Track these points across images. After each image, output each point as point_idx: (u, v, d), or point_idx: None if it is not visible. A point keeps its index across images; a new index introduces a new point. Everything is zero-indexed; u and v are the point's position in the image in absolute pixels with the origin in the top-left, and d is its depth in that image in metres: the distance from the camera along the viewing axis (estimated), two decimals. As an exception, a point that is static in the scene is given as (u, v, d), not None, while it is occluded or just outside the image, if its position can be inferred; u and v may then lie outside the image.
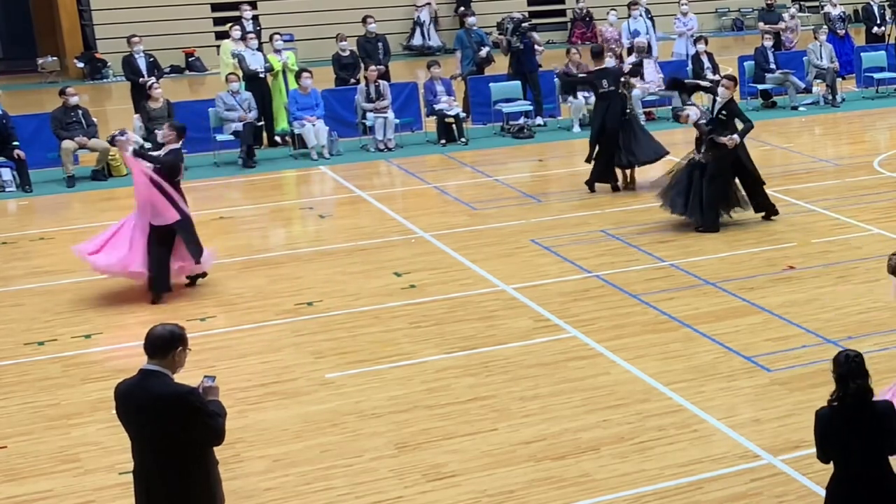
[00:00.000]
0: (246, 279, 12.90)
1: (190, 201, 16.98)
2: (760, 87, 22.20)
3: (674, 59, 23.17)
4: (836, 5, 24.54)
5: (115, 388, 6.22)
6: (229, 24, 22.38)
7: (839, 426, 6.09)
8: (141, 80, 19.65)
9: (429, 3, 30.90)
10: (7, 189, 17.35)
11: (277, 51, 20.18)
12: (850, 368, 6.11)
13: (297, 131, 19.25)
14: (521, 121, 20.44)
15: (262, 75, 19.79)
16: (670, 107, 21.11)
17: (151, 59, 20.46)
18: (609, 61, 17.28)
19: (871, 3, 25.55)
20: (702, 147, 14.06)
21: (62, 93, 18.18)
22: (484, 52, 21.41)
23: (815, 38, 22.82)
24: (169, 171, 12.17)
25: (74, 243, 14.50)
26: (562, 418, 9.18)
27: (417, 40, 30.98)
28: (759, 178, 14.42)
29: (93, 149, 17.80)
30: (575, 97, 20.18)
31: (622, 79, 16.45)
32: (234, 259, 13.62)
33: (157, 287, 12.10)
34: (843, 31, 24.32)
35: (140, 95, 20.00)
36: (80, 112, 18.05)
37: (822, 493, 7.55)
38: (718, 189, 14.04)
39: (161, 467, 6.09)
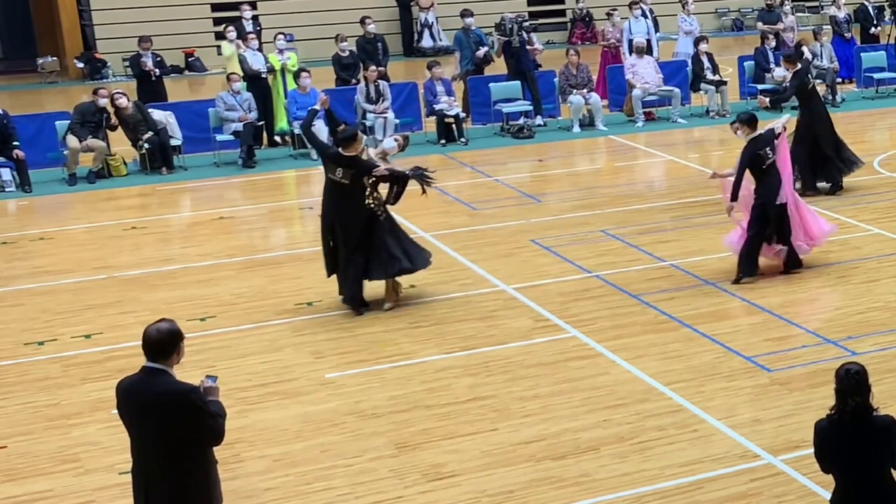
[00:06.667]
0: (246, 279, 12.90)
1: (190, 201, 17.22)
2: (760, 87, 22.16)
3: (677, 58, 23.10)
4: (840, 7, 24.54)
5: (118, 384, 6.22)
6: (223, 25, 22.38)
7: (838, 440, 6.04)
8: (147, 68, 19.92)
9: (433, 5, 30.87)
10: (7, 189, 17.34)
11: (280, 51, 20.19)
12: (849, 385, 5.99)
13: (296, 131, 19.24)
14: (521, 121, 20.44)
15: (263, 76, 19.80)
16: (669, 107, 21.16)
17: (159, 59, 20.52)
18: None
19: (867, 3, 25.56)
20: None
21: (95, 92, 18.22)
22: (482, 52, 21.41)
23: (816, 39, 22.82)
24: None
25: (74, 243, 14.57)
26: (562, 418, 9.18)
27: (427, 42, 30.95)
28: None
29: (90, 149, 17.75)
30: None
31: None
32: (234, 259, 13.63)
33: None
34: (850, 35, 24.35)
35: (146, 92, 20.06)
36: (104, 116, 17.92)
37: (823, 493, 7.57)
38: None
39: (161, 466, 6.09)
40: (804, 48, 17.30)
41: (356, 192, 11.51)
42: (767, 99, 16.32)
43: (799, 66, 16.03)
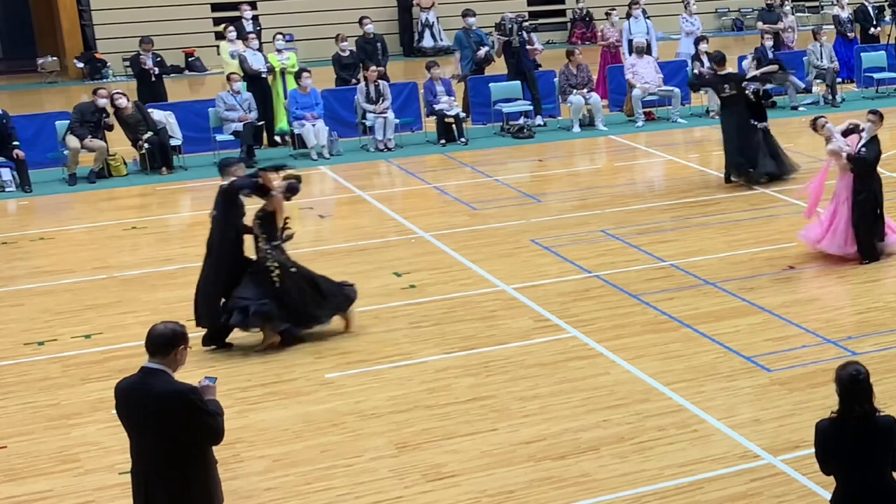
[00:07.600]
0: (246, 279, 12.86)
1: (190, 201, 17.20)
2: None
3: (677, 58, 23.06)
4: (843, 7, 24.54)
5: (116, 385, 6.23)
6: (223, 25, 22.34)
7: (839, 440, 6.04)
8: (146, 66, 20.02)
9: (434, 5, 30.87)
10: (7, 189, 17.34)
11: (279, 51, 20.19)
12: (854, 390, 5.97)
13: (297, 131, 19.25)
14: (521, 121, 20.44)
15: (263, 76, 19.80)
16: (669, 107, 21.15)
17: (159, 59, 20.51)
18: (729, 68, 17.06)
19: (867, 3, 25.58)
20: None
21: (95, 92, 18.24)
22: (482, 52, 21.42)
23: (815, 39, 22.82)
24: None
25: (74, 243, 14.55)
26: (562, 418, 9.18)
27: (428, 42, 30.94)
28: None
29: (90, 149, 17.74)
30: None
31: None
32: (234, 259, 13.59)
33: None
34: (853, 35, 24.34)
35: (146, 92, 20.06)
36: (102, 116, 17.88)
37: (823, 493, 7.57)
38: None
39: (160, 466, 6.09)
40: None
41: (228, 227, 11.17)
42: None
43: (728, 70, 16.48)
